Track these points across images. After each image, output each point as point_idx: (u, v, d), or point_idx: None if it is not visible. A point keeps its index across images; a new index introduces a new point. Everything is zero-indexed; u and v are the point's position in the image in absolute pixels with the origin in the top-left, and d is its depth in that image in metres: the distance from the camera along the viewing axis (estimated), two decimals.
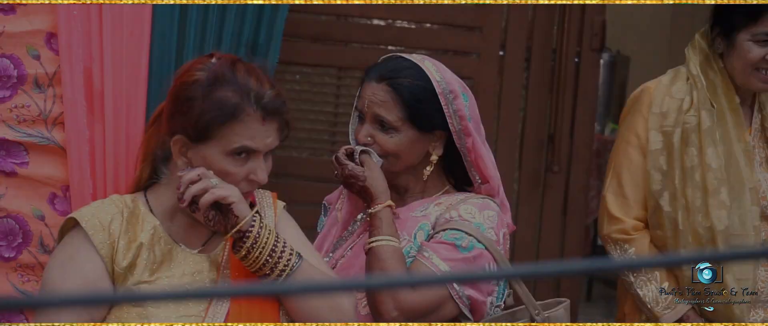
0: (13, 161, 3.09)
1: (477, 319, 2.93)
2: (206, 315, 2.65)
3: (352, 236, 3.10)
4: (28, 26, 3.10)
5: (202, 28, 3.26)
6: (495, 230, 2.97)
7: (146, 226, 2.67)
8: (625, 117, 3.71)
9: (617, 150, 3.68)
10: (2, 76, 3.08)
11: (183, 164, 2.66)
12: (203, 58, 2.72)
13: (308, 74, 4.84)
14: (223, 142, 2.62)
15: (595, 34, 4.95)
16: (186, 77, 2.66)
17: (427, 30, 4.89)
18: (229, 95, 2.61)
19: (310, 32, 4.77)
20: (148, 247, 2.64)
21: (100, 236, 2.62)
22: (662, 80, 3.65)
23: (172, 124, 2.66)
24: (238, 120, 2.62)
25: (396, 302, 2.85)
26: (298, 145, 4.86)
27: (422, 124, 2.99)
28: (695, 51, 3.63)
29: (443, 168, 3.11)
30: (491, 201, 3.02)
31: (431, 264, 2.88)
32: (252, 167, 2.66)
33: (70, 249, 2.64)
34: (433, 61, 3.06)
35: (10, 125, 3.08)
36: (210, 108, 2.60)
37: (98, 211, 2.66)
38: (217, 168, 2.63)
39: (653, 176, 3.57)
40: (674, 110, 3.56)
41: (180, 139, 2.64)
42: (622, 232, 3.59)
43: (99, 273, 2.61)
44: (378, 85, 3.00)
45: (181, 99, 2.63)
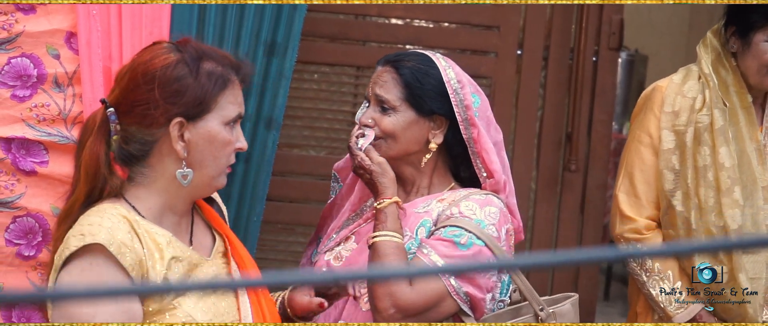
0: (33, 160, 3.11)
1: (477, 316, 2.93)
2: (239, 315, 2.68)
3: (359, 219, 3.12)
4: (47, 26, 3.12)
5: (220, 27, 3.27)
6: (496, 226, 2.95)
7: (159, 238, 2.59)
8: (637, 115, 3.71)
9: (629, 149, 3.68)
10: (22, 76, 3.09)
11: (182, 149, 2.60)
12: (152, 47, 2.68)
13: (326, 73, 4.84)
14: (221, 112, 2.63)
15: (613, 32, 4.94)
16: (156, 63, 2.61)
17: (445, 29, 4.89)
18: (215, 66, 2.63)
19: (328, 31, 4.77)
20: (176, 259, 2.60)
21: (129, 257, 2.50)
22: (674, 79, 3.64)
23: (165, 110, 2.59)
24: (228, 88, 2.64)
25: (393, 299, 2.85)
26: (317, 144, 4.86)
27: (421, 106, 3.00)
28: (707, 49, 3.63)
29: (450, 168, 3.11)
30: (494, 198, 3.01)
31: (430, 261, 2.88)
32: (237, 135, 2.68)
33: (94, 276, 2.49)
34: (446, 57, 3.09)
35: (30, 124, 3.10)
36: (205, 80, 2.61)
37: (114, 231, 2.51)
38: (220, 140, 2.63)
39: (666, 175, 3.57)
40: (686, 109, 3.56)
41: (178, 122, 2.60)
42: (635, 232, 3.59)
43: (132, 297, 2.52)
44: (383, 69, 3.06)
45: (170, 81, 2.59)
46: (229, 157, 2.66)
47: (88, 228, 2.52)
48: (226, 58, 2.67)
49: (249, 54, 3.35)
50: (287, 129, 4.71)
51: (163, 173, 2.64)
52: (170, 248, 2.59)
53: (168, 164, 2.63)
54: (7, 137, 3.09)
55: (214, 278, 2.67)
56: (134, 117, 2.61)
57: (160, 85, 2.59)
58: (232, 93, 2.65)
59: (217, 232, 2.79)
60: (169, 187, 2.64)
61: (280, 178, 4.66)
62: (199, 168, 2.63)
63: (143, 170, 2.65)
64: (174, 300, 2.56)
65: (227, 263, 2.74)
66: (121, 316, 2.48)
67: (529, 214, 4.96)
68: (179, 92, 2.59)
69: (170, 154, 2.62)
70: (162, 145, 2.62)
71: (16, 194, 3.11)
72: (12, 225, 3.13)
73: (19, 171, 3.10)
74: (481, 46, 4.91)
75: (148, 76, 2.60)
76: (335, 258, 3.06)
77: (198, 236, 2.74)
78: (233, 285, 2.51)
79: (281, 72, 3.38)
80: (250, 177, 3.40)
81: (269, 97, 3.39)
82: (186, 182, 2.62)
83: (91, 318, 2.46)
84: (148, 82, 2.59)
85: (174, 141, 2.60)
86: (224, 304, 2.66)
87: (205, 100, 2.61)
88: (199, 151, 2.62)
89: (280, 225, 4.84)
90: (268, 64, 3.37)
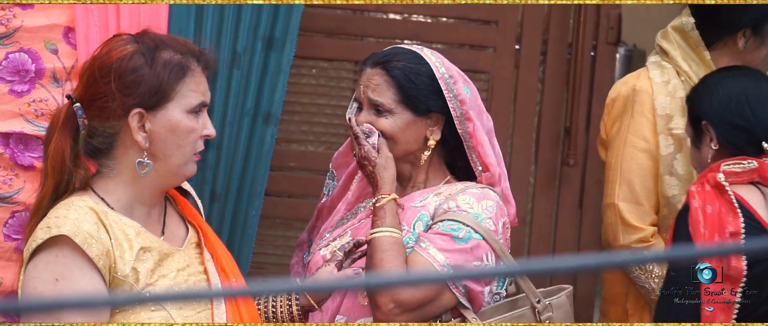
0: (31, 155, 3.11)
1: (475, 309, 2.93)
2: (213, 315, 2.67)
3: (353, 219, 3.11)
4: (45, 21, 3.12)
5: (218, 21, 3.27)
6: (493, 220, 2.95)
7: (128, 229, 2.59)
8: (620, 119, 3.61)
9: (621, 155, 3.58)
10: (20, 71, 3.09)
11: (143, 140, 2.60)
12: (111, 40, 2.68)
13: (324, 68, 4.84)
14: (183, 101, 2.62)
15: (611, 27, 4.94)
16: (112, 55, 2.61)
17: (443, 24, 4.89)
18: (173, 54, 2.63)
19: (326, 27, 4.77)
20: (146, 250, 2.60)
21: (95, 248, 2.51)
22: (654, 79, 3.58)
23: (122, 103, 2.59)
24: (188, 76, 2.63)
25: (392, 294, 2.85)
26: (315, 139, 4.87)
27: (417, 107, 2.99)
28: (672, 44, 3.60)
29: (445, 160, 3.11)
30: (491, 191, 3.01)
31: (428, 255, 2.88)
32: (203, 122, 2.68)
33: (60, 267, 2.51)
34: (433, 51, 3.08)
35: (28, 119, 3.10)
36: (161, 69, 2.60)
37: (80, 222, 2.53)
38: (182, 128, 2.63)
39: (667, 181, 3.52)
40: (678, 110, 3.52)
41: (137, 113, 2.60)
42: (643, 241, 3.53)
43: (97, 287, 2.51)
44: (373, 71, 3.03)
45: (126, 73, 2.59)
46: (194, 144, 2.66)
47: (54, 221, 2.54)
48: (186, 46, 2.67)
49: (247, 48, 3.35)
50: (285, 124, 4.70)
51: (128, 164, 2.64)
52: (139, 238, 2.60)
53: (132, 155, 2.63)
54: (6, 132, 3.09)
55: (186, 268, 2.66)
56: (94, 110, 2.62)
57: (115, 78, 2.60)
58: (194, 81, 2.65)
59: (190, 223, 2.79)
60: (136, 179, 2.64)
61: (279, 173, 4.66)
62: (163, 158, 2.64)
63: (109, 163, 2.65)
64: (144, 289, 2.56)
65: (200, 253, 2.74)
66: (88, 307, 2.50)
67: (527, 209, 4.96)
68: (135, 83, 2.60)
69: (133, 146, 2.63)
70: (124, 136, 2.63)
71: (15, 189, 3.12)
72: (10, 220, 3.13)
73: (17, 166, 3.10)
74: (479, 41, 4.91)
75: (105, 69, 2.60)
76: (331, 254, 3.06)
77: (170, 227, 2.74)
78: (210, 294, 2.54)
79: (279, 66, 3.38)
80: (248, 173, 3.40)
81: (267, 91, 3.39)
82: (144, 172, 2.62)
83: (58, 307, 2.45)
84: (105, 75, 2.60)
85: (134, 132, 2.61)
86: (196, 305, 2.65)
87: (162, 89, 2.61)
88: (161, 141, 2.62)
89: (279, 220, 4.85)
90: (266, 58, 3.36)
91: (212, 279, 2.70)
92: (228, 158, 3.38)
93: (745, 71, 3.37)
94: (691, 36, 3.58)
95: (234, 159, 3.39)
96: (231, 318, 2.68)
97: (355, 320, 2.97)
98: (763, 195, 3.15)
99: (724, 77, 3.29)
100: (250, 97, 3.36)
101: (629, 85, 3.64)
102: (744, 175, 3.13)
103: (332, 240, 3.09)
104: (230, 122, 3.35)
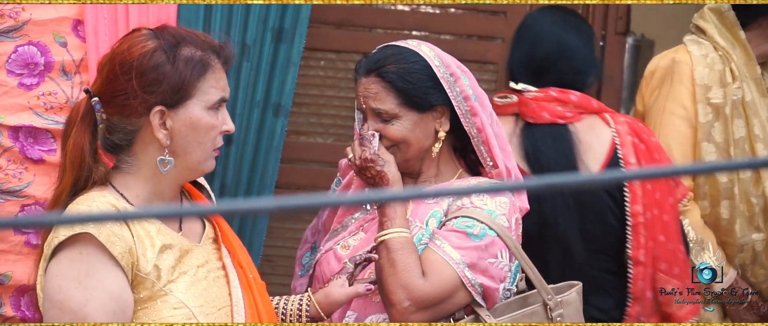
0: (41, 148, 3.10)
1: (489, 306, 2.91)
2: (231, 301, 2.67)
3: (366, 215, 3.09)
4: (54, 13, 3.11)
5: (228, 13, 3.27)
6: (507, 216, 2.94)
7: (149, 226, 2.58)
8: (659, 88, 3.68)
9: (660, 122, 3.65)
10: (29, 64, 3.09)
11: (164, 137, 2.59)
12: (131, 35, 2.66)
13: (333, 60, 4.83)
14: (203, 98, 2.61)
15: (619, 17, 4.93)
16: (133, 52, 2.59)
17: (452, 15, 4.88)
18: (194, 51, 2.61)
19: (335, 18, 4.76)
20: (167, 247, 2.59)
21: (119, 246, 2.49)
22: (693, 52, 3.65)
23: (144, 100, 2.57)
24: (209, 72, 2.62)
25: (407, 291, 2.84)
26: (324, 131, 4.85)
27: (420, 105, 2.97)
28: (709, 24, 3.67)
29: (455, 153, 3.09)
30: None
31: (443, 253, 2.86)
32: (223, 118, 2.66)
33: (85, 265, 2.49)
34: (430, 45, 3.05)
35: (37, 112, 3.10)
36: (183, 66, 2.58)
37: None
38: (203, 125, 2.61)
39: (705, 148, 3.58)
40: (716, 82, 3.59)
41: (158, 111, 2.58)
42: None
43: (122, 285, 2.50)
44: (368, 79, 2.99)
45: (148, 70, 2.57)
46: (214, 140, 2.65)
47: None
48: (206, 41, 2.65)
49: (257, 40, 3.34)
50: (294, 116, 4.69)
51: (148, 161, 2.62)
52: (160, 236, 2.58)
53: (152, 152, 2.62)
54: (15, 125, 3.09)
55: (205, 264, 2.66)
56: (115, 107, 2.60)
57: (137, 75, 2.57)
58: (214, 77, 2.63)
59: (206, 218, 2.78)
60: (155, 175, 2.63)
61: (288, 165, 4.65)
62: (183, 155, 2.62)
63: (128, 159, 2.63)
64: (165, 286, 2.55)
65: (218, 249, 2.73)
66: (113, 304, 2.48)
67: None
68: (157, 81, 2.58)
69: (153, 143, 2.61)
70: (144, 133, 2.61)
71: (24, 183, 3.11)
72: (20, 213, 3.13)
73: (27, 159, 3.10)
74: (488, 32, 4.89)
75: (126, 66, 2.58)
76: (342, 247, 3.05)
77: (187, 222, 2.72)
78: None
79: (289, 58, 3.38)
80: (258, 165, 3.39)
81: (277, 83, 3.38)
82: (166, 170, 2.61)
83: (83, 305, 2.46)
84: (126, 72, 2.58)
85: (155, 129, 2.59)
86: (215, 290, 2.65)
87: (184, 87, 2.59)
88: (182, 138, 2.61)
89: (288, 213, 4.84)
90: (276, 50, 3.36)
91: (230, 275, 2.69)
92: (238, 151, 3.38)
93: (552, 12, 3.65)
94: (727, 16, 3.68)
95: (244, 151, 3.39)
96: (249, 317, 2.67)
97: (366, 317, 2.96)
98: (515, 126, 3.46)
99: (532, 15, 3.67)
100: (260, 90, 3.35)
101: (668, 57, 3.74)
102: (506, 108, 3.46)
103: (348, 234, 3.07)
104: (240, 114, 3.34)
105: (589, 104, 3.47)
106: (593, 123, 3.46)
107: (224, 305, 2.65)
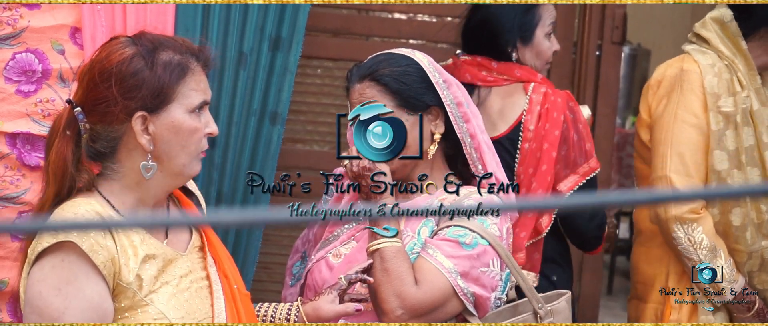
0: (38, 155, 3.11)
1: (481, 315, 2.92)
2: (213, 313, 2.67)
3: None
4: (52, 21, 3.12)
5: (225, 22, 3.27)
6: (498, 225, 2.95)
7: (133, 236, 2.58)
8: (668, 97, 3.68)
9: (672, 129, 3.65)
10: (27, 71, 3.10)
11: (147, 143, 2.59)
12: (109, 43, 2.66)
13: (329, 68, 4.84)
14: (184, 101, 2.61)
15: (616, 26, 4.94)
16: (112, 59, 2.59)
17: (449, 23, 4.88)
18: (172, 55, 2.61)
19: (332, 26, 4.77)
20: (150, 257, 2.58)
21: (101, 256, 2.49)
22: (700, 61, 3.66)
23: (124, 106, 2.58)
24: (188, 76, 2.62)
25: (400, 300, 2.84)
26: (320, 139, 4.86)
27: (416, 106, 2.97)
28: (712, 34, 3.69)
29: (447, 162, 3.09)
30: (495, 197, 2.98)
31: (435, 262, 2.87)
32: (206, 121, 2.67)
33: (65, 273, 2.49)
34: (422, 52, 3.06)
35: (34, 119, 3.10)
36: (162, 71, 2.59)
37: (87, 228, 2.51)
38: (186, 129, 2.62)
39: (717, 156, 3.59)
40: (725, 90, 3.61)
41: (140, 116, 2.58)
42: (694, 212, 3.58)
43: (102, 294, 2.50)
44: (362, 85, 3.00)
45: (127, 77, 2.57)
46: (198, 143, 2.65)
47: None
48: (185, 45, 2.66)
49: (254, 49, 3.35)
50: (291, 124, 4.70)
51: (132, 167, 2.62)
52: (144, 245, 2.58)
53: (136, 158, 2.62)
54: (13, 132, 3.10)
55: (189, 274, 2.65)
56: (97, 115, 2.60)
57: (116, 82, 2.58)
58: (194, 79, 2.64)
59: (194, 227, 2.79)
60: (141, 181, 2.63)
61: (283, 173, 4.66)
62: (168, 159, 2.62)
63: (113, 166, 2.64)
64: (146, 296, 2.55)
65: (203, 258, 2.73)
66: (92, 313, 2.48)
67: None
68: (136, 86, 2.58)
69: (137, 149, 2.61)
70: (128, 139, 2.61)
71: (22, 189, 3.12)
72: (17, 220, 3.13)
73: (24, 166, 3.11)
74: None
75: (105, 73, 2.58)
76: (334, 255, 3.05)
77: (174, 230, 2.72)
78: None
79: (286, 66, 3.39)
80: None
81: (274, 91, 3.39)
82: (149, 175, 2.61)
83: (61, 312, 2.46)
84: (105, 79, 2.58)
85: (138, 135, 2.59)
86: (197, 301, 2.64)
87: (164, 91, 2.59)
88: (165, 142, 2.61)
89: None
90: (273, 58, 3.37)
91: (214, 286, 2.69)
92: (234, 158, 3.38)
93: None
94: (729, 27, 3.69)
95: (240, 159, 3.39)
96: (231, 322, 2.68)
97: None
98: None
99: None
100: (257, 98, 3.36)
101: (675, 66, 3.74)
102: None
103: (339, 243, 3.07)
104: (237, 122, 3.35)
105: (512, 72, 3.76)
106: (513, 90, 3.76)
107: (205, 316, 2.64)
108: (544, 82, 3.77)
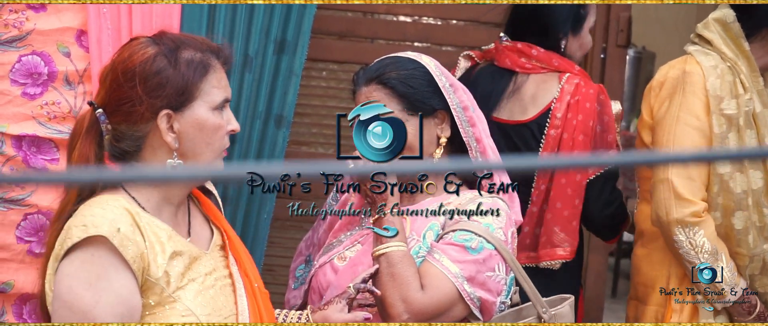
0: (44, 157, 3.12)
1: (486, 319, 2.91)
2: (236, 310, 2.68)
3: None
4: (58, 24, 3.13)
5: (230, 25, 3.28)
6: (504, 230, 2.95)
7: (160, 232, 2.59)
8: (670, 99, 3.67)
9: (674, 132, 3.64)
10: (33, 73, 3.11)
11: (173, 140, 2.60)
12: (130, 44, 2.67)
13: (335, 71, 4.84)
14: (207, 98, 2.63)
15: (620, 30, 4.93)
16: (135, 59, 2.61)
17: (454, 27, 4.89)
18: (194, 53, 2.63)
19: (337, 29, 4.78)
20: (177, 253, 2.60)
21: (131, 250, 2.50)
22: (703, 63, 3.65)
23: (150, 105, 2.59)
24: (210, 73, 2.64)
25: (406, 304, 2.84)
26: (325, 142, 4.87)
27: (423, 109, 2.97)
28: (714, 35, 3.68)
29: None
30: (501, 201, 2.99)
31: (441, 266, 2.87)
32: (227, 118, 2.68)
33: (96, 268, 2.49)
34: (428, 56, 3.07)
35: (40, 122, 3.11)
36: (185, 69, 2.61)
37: (117, 223, 2.51)
38: (210, 126, 2.63)
39: None
40: (727, 93, 3.60)
41: (165, 114, 2.60)
42: (695, 215, 3.57)
43: (131, 289, 2.51)
44: (368, 88, 3.00)
45: (151, 75, 2.59)
46: (222, 140, 2.67)
47: (90, 219, 2.51)
48: (205, 43, 2.67)
49: (259, 52, 3.35)
50: (296, 126, 4.71)
51: (157, 165, 2.64)
52: (171, 242, 2.59)
53: (161, 156, 2.63)
54: (19, 135, 3.11)
55: (213, 272, 2.67)
56: (121, 115, 2.61)
57: (141, 81, 2.59)
58: (216, 77, 2.66)
59: (214, 226, 2.80)
60: None
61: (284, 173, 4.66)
62: (193, 156, 2.64)
63: (137, 165, 2.65)
64: (174, 292, 2.56)
65: (225, 257, 2.74)
66: (121, 308, 2.49)
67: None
68: (161, 85, 2.60)
69: (162, 147, 2.62)
70: (153, 138, 2.62)
71: (27, 191, 3.13)
72: (23, 222, 3.14)
73: (30, 168, 3.11)
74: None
75: (129, 73, 2.60)
76: (339, 258, 3.05)
77: (195, 228, 2.74)
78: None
79: (291, 69, 3.39)
80: None
81: (279, 94, 3.39)
82: None
83: (92, 307, 2.47)
84: (129, 79, 2.60)
85: (164, 133, 2.61)
86: (222, 299, 2.66)
87: (188, 89, 2.61)
88: (190, 140, 2.63)
89: (289, 223, 4.85)
90: (278, 61, 3.37)
91: (237, 284, 2.71)
92: (240, 161, 3.39)
93: None
94: (732, 27, 3.68)
95: (246, 161, 3.39)
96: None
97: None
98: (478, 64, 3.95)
99: None
100: (262, 100, 3.36)
101: (677, 68, 3.72)
102: (485, 54, 4.01)
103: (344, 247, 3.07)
104: (242, 125, 3.35)
105: (550, 61, 3.84)
106: (548, 78, 3.85)
107: (230, 314, 2.66)
108: (581, 74, 3.84)
